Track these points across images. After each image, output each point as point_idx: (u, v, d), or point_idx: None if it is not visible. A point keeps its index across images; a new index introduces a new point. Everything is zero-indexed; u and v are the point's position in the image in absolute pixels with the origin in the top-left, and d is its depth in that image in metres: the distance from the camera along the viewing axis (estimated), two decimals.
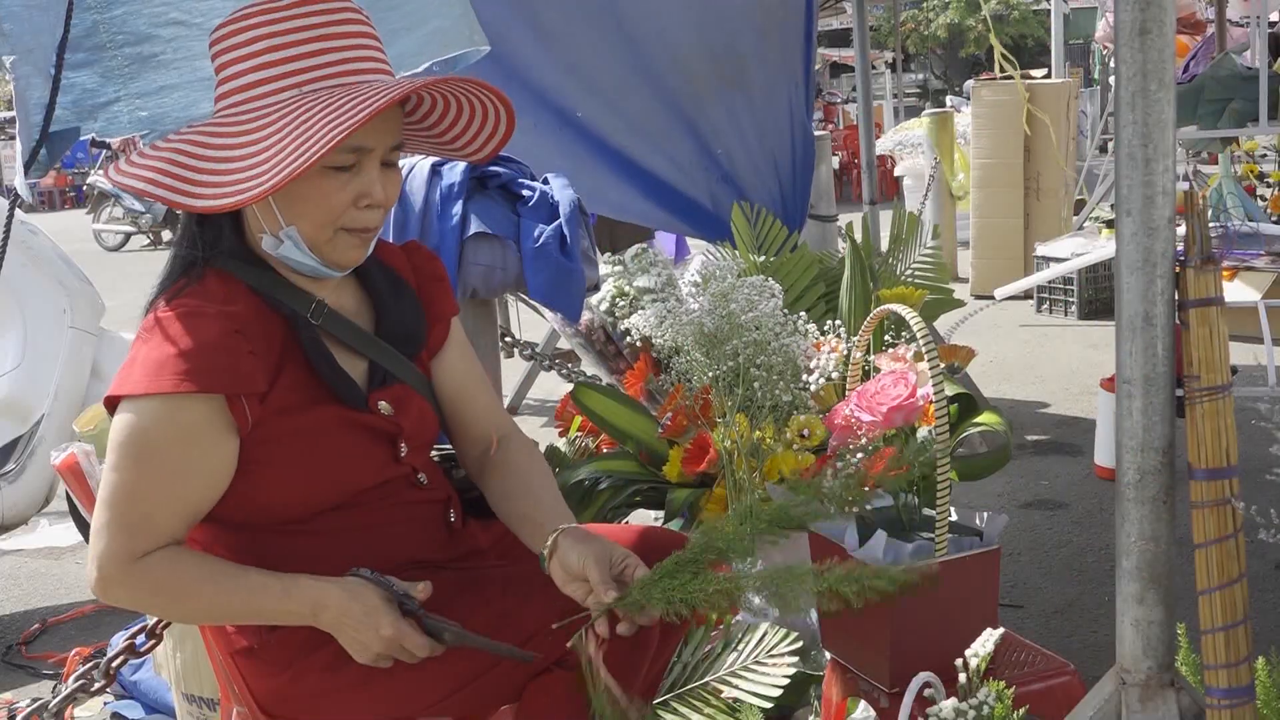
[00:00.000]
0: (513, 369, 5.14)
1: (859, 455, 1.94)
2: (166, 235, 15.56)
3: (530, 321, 5.08)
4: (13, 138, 18.88)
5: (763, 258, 3.10)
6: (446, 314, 1.79)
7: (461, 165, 3.28)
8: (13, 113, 2.64)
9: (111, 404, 1.54)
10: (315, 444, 1.57)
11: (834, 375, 2.40)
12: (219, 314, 1.51)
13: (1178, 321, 1.49)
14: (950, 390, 2.44)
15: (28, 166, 2.07)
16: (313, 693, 1.61)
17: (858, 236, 3.21)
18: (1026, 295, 7.17)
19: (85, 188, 17.75)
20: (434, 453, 1.81)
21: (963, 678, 1.74)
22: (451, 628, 1.54)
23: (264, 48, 1.52)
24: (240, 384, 1.50)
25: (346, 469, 1.61)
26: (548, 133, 3.59)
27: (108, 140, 2.28)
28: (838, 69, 24.37)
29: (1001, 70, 7.18)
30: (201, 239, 1.59)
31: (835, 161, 13.25)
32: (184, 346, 1.48)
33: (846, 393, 2.02)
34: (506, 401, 5.16)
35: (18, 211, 2.37)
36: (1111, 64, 1.68)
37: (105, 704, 2.90)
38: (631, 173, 3.63)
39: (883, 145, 10.05)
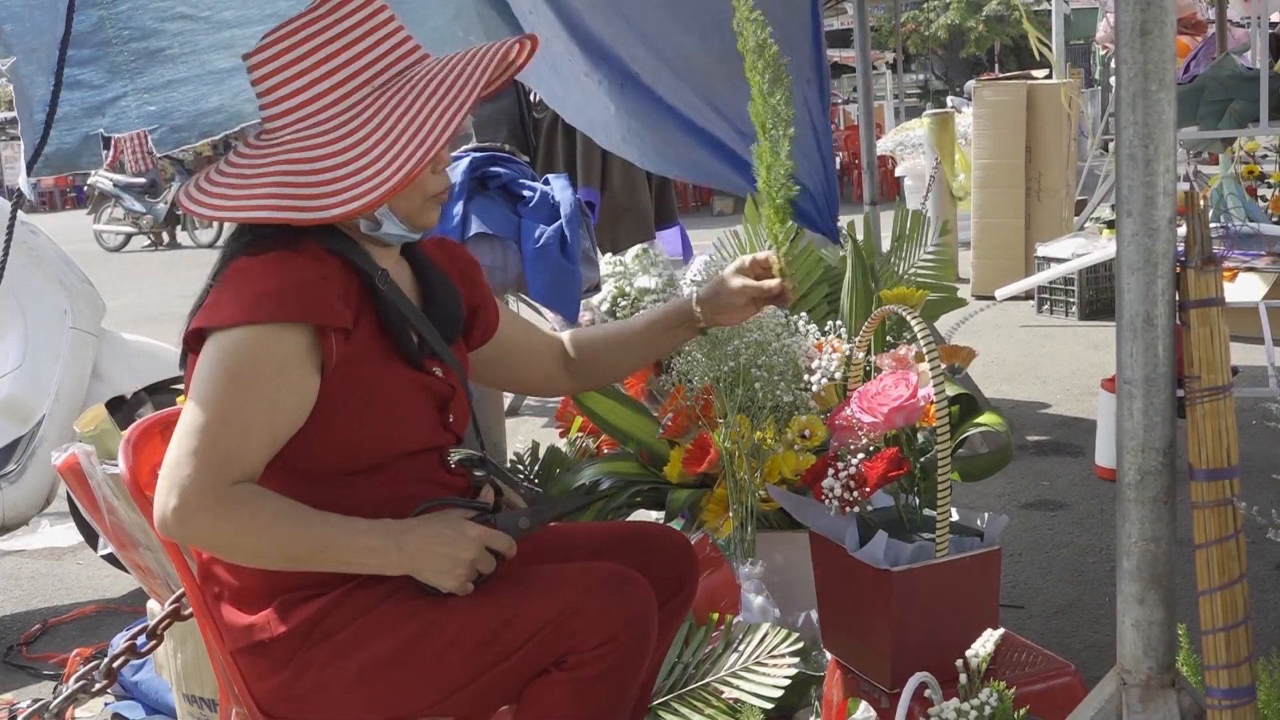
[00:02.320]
0: None
1: (859, 456, 1.94)
2: (167, 236, 15.56)
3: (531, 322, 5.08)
4: (14, 138, 18.86)
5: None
6: (490, 294, 1.93)
7: (463, 165, 3.28)
8: (13, 113, 2.64)
9: (193, 339, 1.58)
10: (382, 394, 1.64)
11: (835, 376, 2.39)
12: (309, 260, 1.59)
13: (1178, 322, 1.49)
14: (951, 391, 2.44)
15: (31, 165, 2.07)
16: (312, 692, 1.62)
17: (859, 237, 3.20)
18: (1027, 296, 7.17)
19: (86, 188, 17.75)
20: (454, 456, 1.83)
21: (964, 678, 1.74)
22: (523, 516, 1.67)
23: (323, 57, 1.60)
24: (331, 317, 1.56)
25: (404, 424, 1.67)
26: (611, 91, 3.54)
27: (169, 155, 2.30)
28: (838, 69, 24.27)
29: (1040, 57, 7.08)
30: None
31: (836, 162, 13.24)
32: (277, 283, 1.55)
33: (847, 393, 2.02)
34: (507, 403, 5.15)
35: (18, 212, 2.37)
36: (1112, 65, 1.68)
37: (106, 705, 2.90)
38: (696, 134, 3.58)
39: (883, 146, 10.05)
